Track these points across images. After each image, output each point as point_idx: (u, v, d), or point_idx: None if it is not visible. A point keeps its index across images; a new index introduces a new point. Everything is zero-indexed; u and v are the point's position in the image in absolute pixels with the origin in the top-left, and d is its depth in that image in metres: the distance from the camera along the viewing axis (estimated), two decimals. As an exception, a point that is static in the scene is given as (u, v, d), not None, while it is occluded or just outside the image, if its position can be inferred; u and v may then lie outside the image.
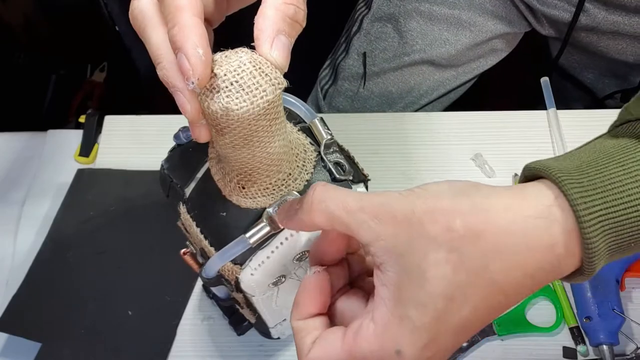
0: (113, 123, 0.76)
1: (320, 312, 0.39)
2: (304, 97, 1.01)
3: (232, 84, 0.35)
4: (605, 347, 0.58)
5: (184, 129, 0.48)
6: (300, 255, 0.44)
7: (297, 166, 0.43)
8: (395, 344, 0.33)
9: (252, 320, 0.53)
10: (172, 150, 0.48)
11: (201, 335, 0.62)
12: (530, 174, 0.36)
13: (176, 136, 0.48)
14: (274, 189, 0.42)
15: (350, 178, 0.44)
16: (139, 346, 0.61)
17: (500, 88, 1.16)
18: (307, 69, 1.01)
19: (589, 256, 0.33)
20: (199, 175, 0.45)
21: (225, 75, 0.35)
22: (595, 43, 0.84)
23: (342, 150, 0.45)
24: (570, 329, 0.61)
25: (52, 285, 0.65)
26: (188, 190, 0.45)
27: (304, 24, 0.38)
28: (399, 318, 0.33)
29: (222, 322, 0.62)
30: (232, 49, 0.37)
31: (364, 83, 0.88)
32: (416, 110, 0.89)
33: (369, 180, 0.46)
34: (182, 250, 0.52)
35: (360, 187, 0.45)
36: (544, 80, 0.76)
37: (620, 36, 0.80)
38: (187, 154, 0.47)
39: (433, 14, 0.85)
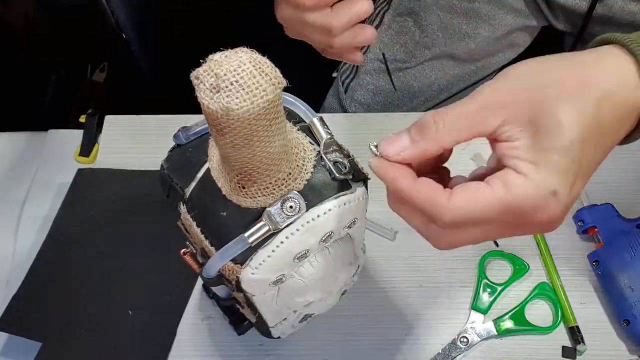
0: (113, 123, 0.77)
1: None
2: (322, 92, 1.01)
3: (232, 84, 0.35)
4: None
5: (184, 129, 0.48)
6: (301, 254, 0.44)
7: (297, 166, 0.43)
8: (550, 186, 0.35)
9: (253, 320, 0.53)
10: (172, 151, 0.49)
11: (201, 335, 0.62)
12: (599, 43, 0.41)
13: (176, 136, 0.48)
14: (274, 189, 0.42)
15: (351, 177, 0.44)
16: (139, 346, 0.61)
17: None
18: (326, 65, 1.01)
19: None
20: (200, 175, 0.45)
21: (225, 75, 0.35)
22: None
23: (341, 149, 0.45)
24: (570, 329, 0.61)
25: (52, 285, 0.65)
26: (188, 191, 0.45)
27: None
28: (546, 163, 0.36)
29: (222, 322, 0.62)
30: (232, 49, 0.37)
31: (391, 80, 0.89)
32: (437, 105, 0.90)
33: (369, 179, 0.46)
34: (182, 251, 0.52)
35: (361, 187, 0.45)
36: None
37: (637, 29, 0.80)
38: (187, 154, 0.47)
39: (453, 8, 0.86)
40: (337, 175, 0.43)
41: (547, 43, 0.97)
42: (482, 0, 0.86)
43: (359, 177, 0.45)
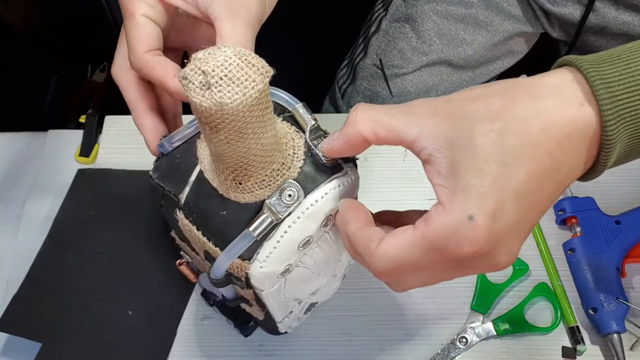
0: (113, 123, 0.77)
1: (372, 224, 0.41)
2: (321, 95, 1.01)
3: (221, 79, 0.35)
4: (615, 336, 0.59)
5: (167, 137, 0.48)
6: (304, 241, 0.44)
7: (289, 154, 0.43)
8: (465, 211, 0.34)
9: (260, 317, 0.53)
10: (158, 160, 0.49)
11: (201, 335, 0.62)
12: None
13: (160, 145, 0.48)
14: (270, 180, 0.42)
15: (341, 159, 0.44)
16: (139, 346, 0.61)
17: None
18: (324, 69, 1.02)
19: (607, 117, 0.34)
20: (192, 178, 0.45)
21: (213, 71, 0.35)
22: (605, 47, 0.84)
23: (326, 134, 0.45)
24: (570, 329, 0.61)
25: (52, 285, 0.65)
26: (183, 196, 0.45)
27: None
28: (462, 189, 0.34)
29: (222, 322, 0.63)
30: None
31: (388, 86, 0.89)
32: None
33: (357, 159, 0.46)
34: (178, 261, 0.52)
35: (351, 168, 0.45)
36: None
37: (630, 39, 0.80)
38: (176, 161, 0.47)
39: (450, 14, 0.85)
40: (326, 161, 0.43)
41: (544, 51, 0.97)
42: (479, 6, 0.85)
43: (348, 158, 0.45)
